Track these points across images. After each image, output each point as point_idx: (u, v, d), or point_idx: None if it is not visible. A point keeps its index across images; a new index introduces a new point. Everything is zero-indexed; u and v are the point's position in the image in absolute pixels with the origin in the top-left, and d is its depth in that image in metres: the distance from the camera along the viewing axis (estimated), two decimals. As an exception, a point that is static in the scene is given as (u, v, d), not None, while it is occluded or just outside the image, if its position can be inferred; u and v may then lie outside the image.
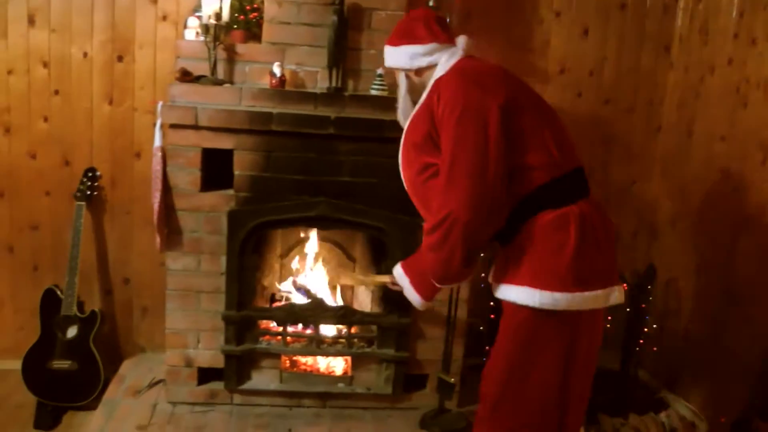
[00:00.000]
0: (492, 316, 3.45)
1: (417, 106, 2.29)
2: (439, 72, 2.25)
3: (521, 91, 2.20)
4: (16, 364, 3.45)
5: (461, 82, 2.12)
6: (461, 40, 2.29)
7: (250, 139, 3.06)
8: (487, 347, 3.48)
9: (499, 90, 2.10)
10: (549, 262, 2.09)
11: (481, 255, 2.32)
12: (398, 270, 2.51)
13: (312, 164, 3.10)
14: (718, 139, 3.39)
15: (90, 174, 3.54)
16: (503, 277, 2.20)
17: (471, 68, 2.19)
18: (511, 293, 2.16)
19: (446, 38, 2.28)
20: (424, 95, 2.27)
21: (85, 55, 3.55)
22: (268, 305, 3.51)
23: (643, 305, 3.54)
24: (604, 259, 2.16)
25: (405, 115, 2.41)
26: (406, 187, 2.35)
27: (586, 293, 2.10)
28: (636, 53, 3.82)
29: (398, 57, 2.33)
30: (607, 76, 3.82)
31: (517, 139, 2.09)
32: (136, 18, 3.53)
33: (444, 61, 2.25)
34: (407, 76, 2.36)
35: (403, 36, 2.31)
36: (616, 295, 2.19)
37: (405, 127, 2.34)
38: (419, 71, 2.32)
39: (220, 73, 3.20)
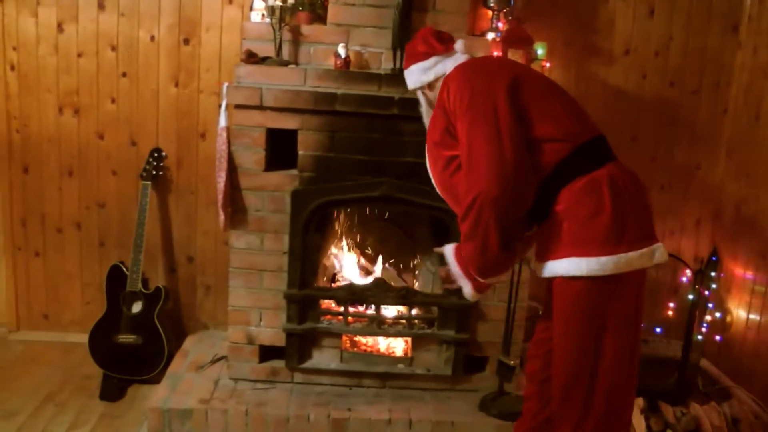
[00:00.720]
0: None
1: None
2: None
3: (526, 72, 2.24)
4: (84, 338, 3.55)
5: (466, 73, 2.20)
6: (459, 44, 2.38)
7: (314, 119, 3.06)
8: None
9: (502, 73, 2.16)
10: (588, 227, 2.06)
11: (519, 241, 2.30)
12: (449, 251, 2.40)
13: (376, 144, 3.09)
14: (787, 123, 3.29)
15: (156, 154, 3.60)
16: (546, 255, 2.16)
17: (474, 61, 2.30)
18: (557, 267, 2.12)
19: (444, 48, 2.36)
20: (437, 96, 2.33)
21: (153, 38, 3.60)
22: (329, 285, 3.50)
23: (706, 293, 3.45)
24: (642, 216, 2.12)
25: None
26: (437, 189, 2.36)
27: (632, 253, 2.05)
28: (703, 33, 3.72)
29: (411, 77, 2.44)
30: (673, 57, 3.73)
31: (529, 113, 2.12)
32: (202, 1, 3.57)
33: (449, 68, 2.32)
34: (423, 93, 2.45)
35: (410, 57, 2.43)
36: (661, 251, 2.12)
37: (428, 127, 2.39)
38: (431, 85, 2.40)
39: (285, 54, 3.20)
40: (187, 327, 3.91)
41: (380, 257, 3.56)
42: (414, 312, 3.31)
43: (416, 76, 2.40)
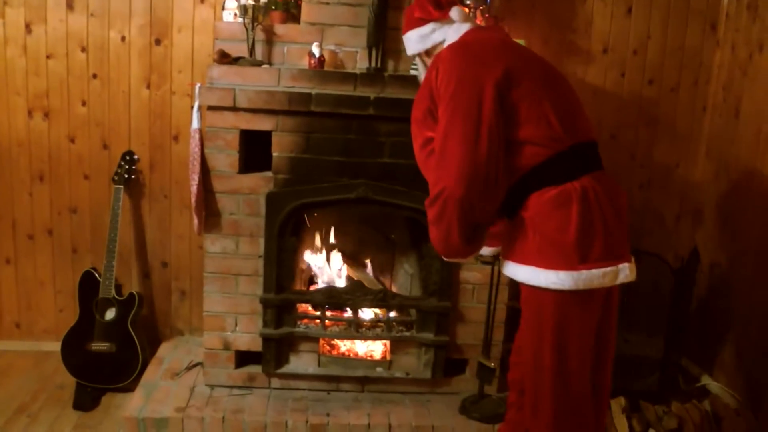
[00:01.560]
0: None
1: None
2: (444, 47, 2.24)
3: (525, 63, 2.12)
4: (57, 346, 3.48)
5: (458, 56, 2.10)
6: (455, 13, 2.27)
7: (289, 120, 3.02)
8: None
9: (497, 63, 2.05)
10: (552, 241, 2.03)
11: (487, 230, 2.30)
12: None
13: (352, 145, 3.05)
14: (766, 120, 3.26)
15: (128, 157, 3.54)
16: (510, 255, 2.17)
17: (472, 42, 2.16)
18: (518, 272, 2.12)
19: (440, 14, 2.27)
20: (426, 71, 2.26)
21: (123, 39, 3.53)
22: (306, 288, 3.46)
23: (687, 291, 3.44)
24: (612, 235, 2.07)
25: None
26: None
27: (594, 271, 2.03)
28: (681, 31, 3.70)
29: (409, 44, 2.36)
30: (651, 55, 3.71)
31: (516, 113, 2.05)
32: (174, 1, 3.50)
33: (450, 36, 2.23)
34: (422, 60, 2.38)
35: (408, 22, 2.34)
36: (627, 273, 2.09)
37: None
38: (429, 52, 2.32)
39: (259, 54, 3.15)
40: (162, 333, 3.84)
41: (357, 259, 3.52)
42: (392, 315, 3.27)
43: (413, 43, 2.33)
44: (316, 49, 3.07)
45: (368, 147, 3.05)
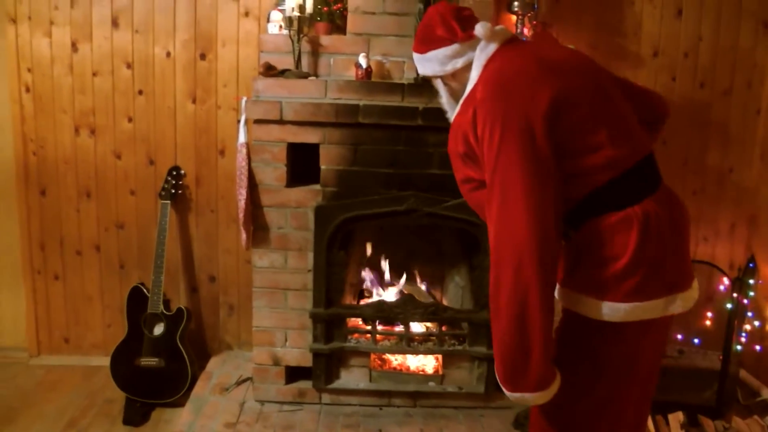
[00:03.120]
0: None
1: (458, 106, 2.01)
2: (474, 74, 1.97)
3: (572, 83, 1.85)
4: (106, 361, 3.46)
5: (496, 94, 1.83)
6: (480, 29, 1.95)
7: (336, 132, 2.97)
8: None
9: (542, 93, 1.79)
10: (603, 268, 1.84)
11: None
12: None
13: (400, 157, 2.99)
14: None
15: (174, 172, 3.52)
16: (563, 280, 1.94)
17: (507, 71, 1.88)
18: (565, 298, 1.93)
19: (465, 35, 1.97)
20: (464, 96, 1.99)
21: (168, 54, 3.52)
22: (355, 302, 3.41)
23: (745, 301, 3.31)
24: (668, 264, 1.87)
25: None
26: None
27: (644, 303, 1.83)
28: (733, 32, 3.57)
29: (428, 64, 2.07)
30: (703, 57, 3.59)
31: (569, 144, 1.82)
32: (218, 15, 3.48)
33: (477, 57, 1.95)
34: (444, 83, 2.09)
35: (426, 40, 2.04)
36: (678, 303, 1.89)
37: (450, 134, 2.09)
38: (455, 75, 2.04)
39: (305, 66, 3.12)
40: (210, 348, 3.81)
41: (407, 272, 3.46)
42: (444, 328, 3.20)
43: (434, 64, 2.03)
44: (362, 60, 3.02)
45: (416, 158, 2.98)
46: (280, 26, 3.13)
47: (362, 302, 3.40)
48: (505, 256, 1.76)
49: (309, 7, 3.02)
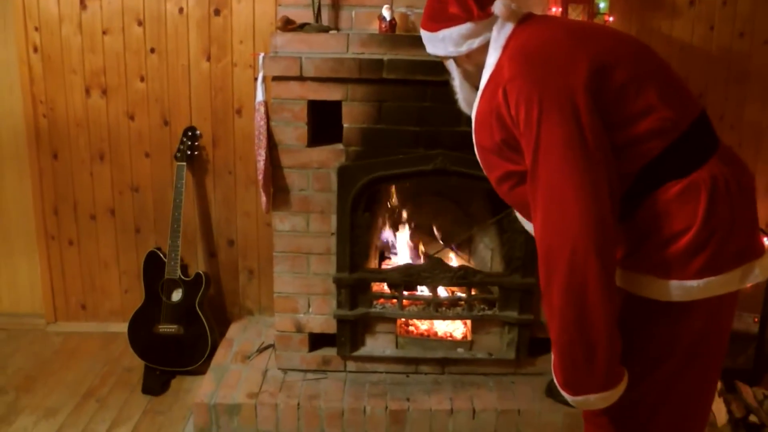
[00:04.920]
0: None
1: (478, 96, 1.82)
2: (493, 55, 1.76)
3: (608, 46, 1.68)
4: (124, 327, 3.37)
5: (526, 69, 1.64)
6: (499, 6, 1.74)
7: (359, 88, 2.80)
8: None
9: (578, 61, 1.61)
10: (672, 245, 1.65)
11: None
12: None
13: (427, 114, 2.82)
14: None
15: (190, 133, 3.38)
16: (623, 261, 1.75)
17: (533, 44, 1.69)
18: (629, 281, 1.73)
19: (482, 14, 1.76)
20: (483, 83, 1.79)
21: (181, 10, 3.34)
22: (380, 266, 3.28)
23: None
24: (741, 228, 1.68)
25: (467, 102, 1.94)
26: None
27: (719, 277, 1.64)
28: (776, -24, 3.36)
29: (439, 44, 1.87)
30: (742, 4, 3.36)
31: (616, 112, 1.63)
32: (232, -33, 3.30)
33: (495, 38, 1.76)
34: (457, 64, 1.90)
35: (437, 18, 1.85)
36: (756, 273, 1.69)
37: (473, 120, 1.87)
38: (470, 56, 1.84)
39: (325, 20, 2.95)
40: (230, 314, 3.70)
41: (435, 235, 3.32)
42: (473, 292, 3.06)
43: (447, 45, 1.83)
44: (386, 12, 2.84)
45: (444, 115, 2.82)
46: (298, -22, 2.95)
47: (385, 265, 3.29)
48: (556, 249, 1.58)
49: (328, -43, 2.84)
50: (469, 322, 3.11)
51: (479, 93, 1.80)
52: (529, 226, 1.92)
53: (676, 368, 1.76)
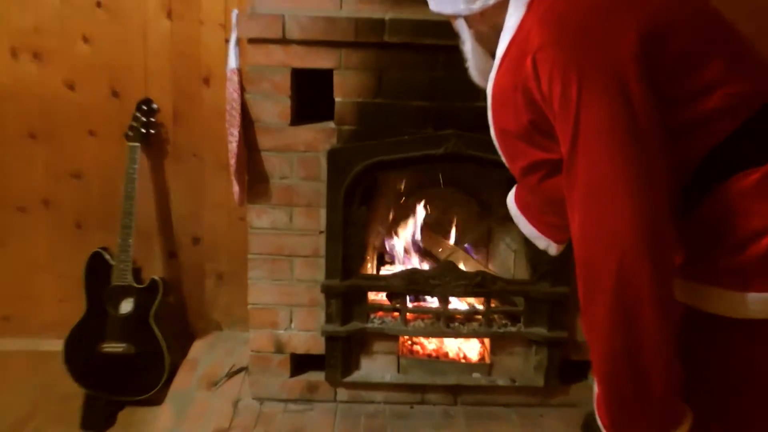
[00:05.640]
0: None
1: (495, 65, 1.81)
2: (514, 15, 1.74)
3: (658, 5, 1.66)
4: (59, 345, 3.41)
5: (562, 36, 1.61)
6: None
7: (355, 54, 2.89)
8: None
9: (624, 24, 1.59)
10: (747, 249, 1.63)
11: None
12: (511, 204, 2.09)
13: (438, 86, 2.91)
14: None
15: (145, 107, 3.45)
16: (684, 270, 1.74)
17: (567, 3, 1.65)
18: (692, 295, 1.72)
19: None
20: (502, 49, 1.77)
21: (134, -44, 3.42)
22: (377, 271, 3.40)
23: None
24: None
25: (481, 71, 1.93)
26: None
27: None
28: None
29: (446, 1, 1.87)
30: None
31: (673, 86, 1.62)
32: None
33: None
34: (469, 24, 1.87)
35: None
36: None
37: (488, 96, 1.87)
38: (484, 15, 1.82)
39: (314, -31, 3.02)
40: (194, 328, 3.81)
41: (446, 234, 3.45)
42: (493, 304, 3.17)
43: (456, 1, 1.83)
44: (388, -39, 2.94)
45: (459, 87, 2.83)
46: None
47: (385, 270, 3.40)
48: (600, 257, 1.56)
49: None
50: (487, 340, 3.21)
51: (497, 61, 1.80)
52: (527, 229, 2.08)
53: (754, 406, 1.75)
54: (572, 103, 1.56)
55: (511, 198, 2.16)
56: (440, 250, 3.40)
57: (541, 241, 2.09)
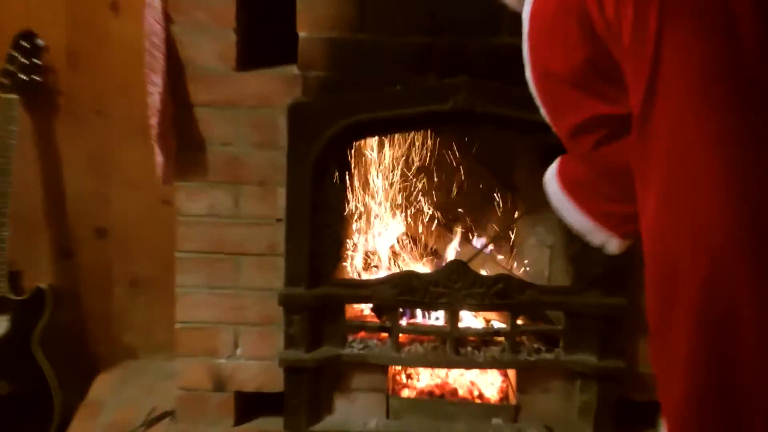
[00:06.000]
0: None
1: None
2: None
3: None
4: None
5: None
6: None
7: (327, -31, 2.94)
8: None
9: None
10: None
11: None
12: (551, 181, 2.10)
13: (442, 14, 2.97)
14: None
15: (26, 44, 3.45)
16: None
17: None
18: None
19: None
20: None
21: None
22: (357, 274, 3.46)
23: None
24: None
25: None
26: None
27: None
28: None
29: None
30: None
31: None
32: None
33: None
34: None
35: None
36: None
37: (524, 23, 1.90)
38: None
39: None
40: (97, 357, 3.85)
41: (453, 222, 3.52)
42: (519, 321, 3.22)
43: None
44: None
45: (473, 16, 2.96)
46: None
47: (369, 274, 3.47)
48: (685, 257, 1.58)
49: None
50: (512, 372, 3.28)
51: None
52: (576, 218, 2.07)
53: None
54: (650, 35, 1.54)
55: (551, 175, 2.12)
56: (446, 245, 3.49)
57: (597, 235, 2.06)
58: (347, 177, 3.23)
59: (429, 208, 3.53)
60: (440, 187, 3.54)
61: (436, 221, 3.56)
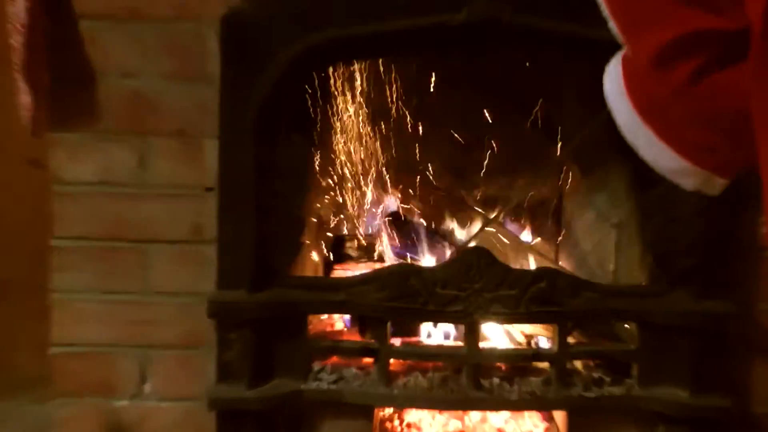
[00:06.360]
0: None
1: None
2: None
3: None
4: None
5: None
6: None
7: None
8: None
9: None
10: None
11: None
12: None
13: None
14: None
15: None
16: None
17: None
18: None
19: None
20: None
21: None
22: (326, 271, 3.45)
23: None
24: None
25: None
26: None
27: None
28: None
29: None
30: None
31: None
32: None
33: None
34: None
35: None
36: None
37: None
38: None
39: None
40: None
41: (468, 192, 3.50)
42: (570, 339, 3.19)
43: None
44: None
45: None
46: None
47: (344, 270, 3.47)
48: None
49: None
50: (561, 415, 3.27)
51: None
52: (660, 152, 1.95)
53: None
54: None
55: (615, 83, 2.02)
56: (460, 225, 3.43)
57: (691, 176, 1.99)
58: (312, 126, 3.19)
59: (432, 172, 3.45)
60: (449, 139, 3.46)
61: (443, 191, 3.46)
